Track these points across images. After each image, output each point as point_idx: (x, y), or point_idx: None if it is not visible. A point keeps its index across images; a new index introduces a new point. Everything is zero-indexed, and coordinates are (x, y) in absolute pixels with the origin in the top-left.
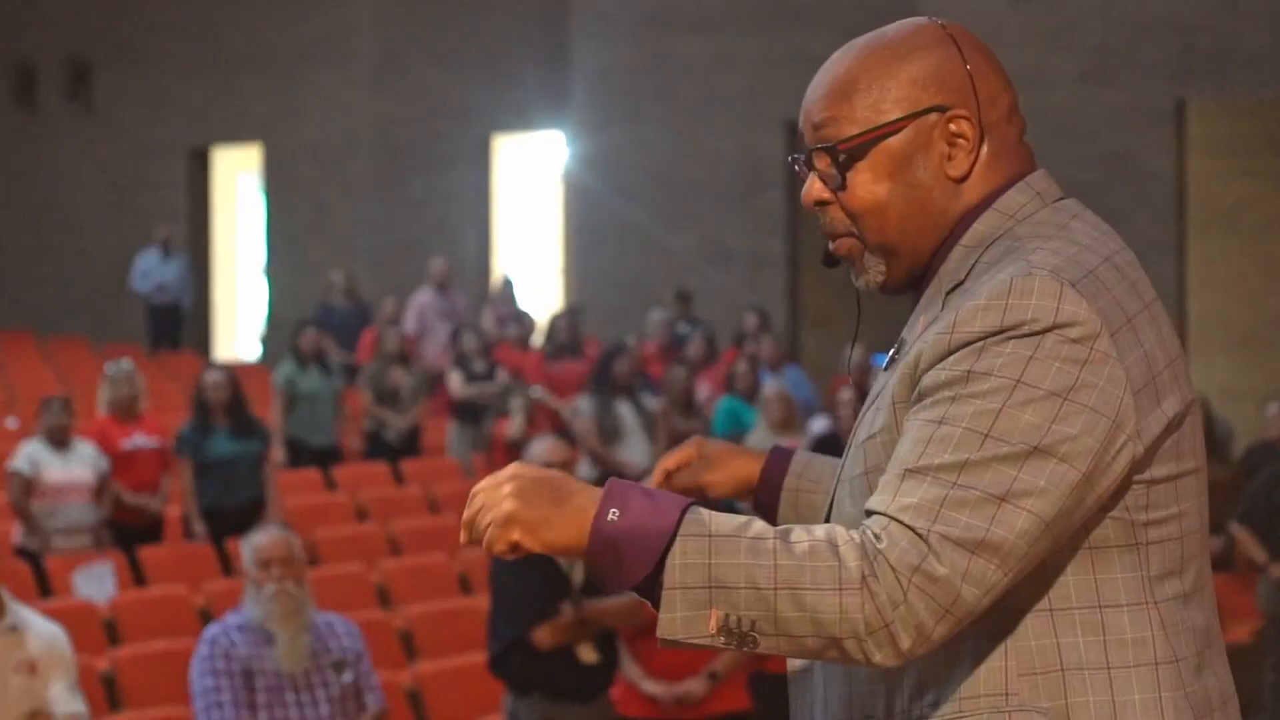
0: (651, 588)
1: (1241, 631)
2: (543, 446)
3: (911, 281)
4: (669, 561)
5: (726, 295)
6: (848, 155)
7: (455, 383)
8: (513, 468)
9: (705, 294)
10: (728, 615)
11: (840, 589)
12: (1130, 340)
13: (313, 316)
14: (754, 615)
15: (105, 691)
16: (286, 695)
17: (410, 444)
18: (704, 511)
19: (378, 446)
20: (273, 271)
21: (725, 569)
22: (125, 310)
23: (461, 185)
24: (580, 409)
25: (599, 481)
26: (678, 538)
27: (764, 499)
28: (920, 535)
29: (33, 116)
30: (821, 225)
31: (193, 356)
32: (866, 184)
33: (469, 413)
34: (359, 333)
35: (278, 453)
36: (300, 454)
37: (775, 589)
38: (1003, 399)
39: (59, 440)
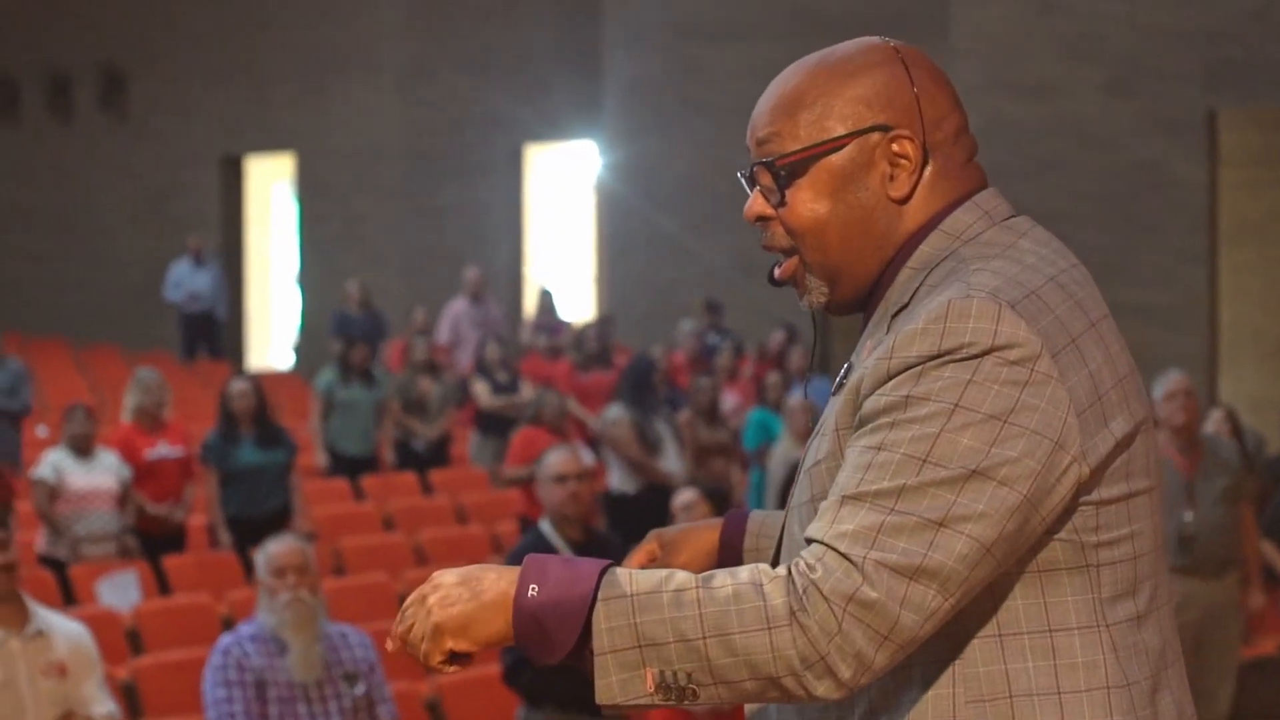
0: (583, 655)
1: (1268, 645)
2: (557, 457)
3: (858, 302)
4: (595, 626)
5: (757, 305)
6: (788, 171)
7: (483, 393)
8: (434, 577)
9: (735, 304)
10: (662, 671)
11: (769, 627)
12: (1074, 360)
13: (329, 326)
14: (688, 668)
15: (126, 700)
16: (299, 706)
17: (439, 454)
18: (621, 571)
19: (406, 456)
20: (305, 280)
21: (651, 626)
22: (159, 319)
23: (493, 195)
24: (617, 418)
25: (642, 493)
26: (599, 602)
27: (729, 565)
28: (854, 563)
29: (67, 126)
30: (763, 241)
31: (226, 365)
32: (806, 201)
33: (493, 423)
34: (374, 342)
35: (318, 457)
36: (336, 462)
37: (704, 638)
38: (941, 423)
39: (82, 448)
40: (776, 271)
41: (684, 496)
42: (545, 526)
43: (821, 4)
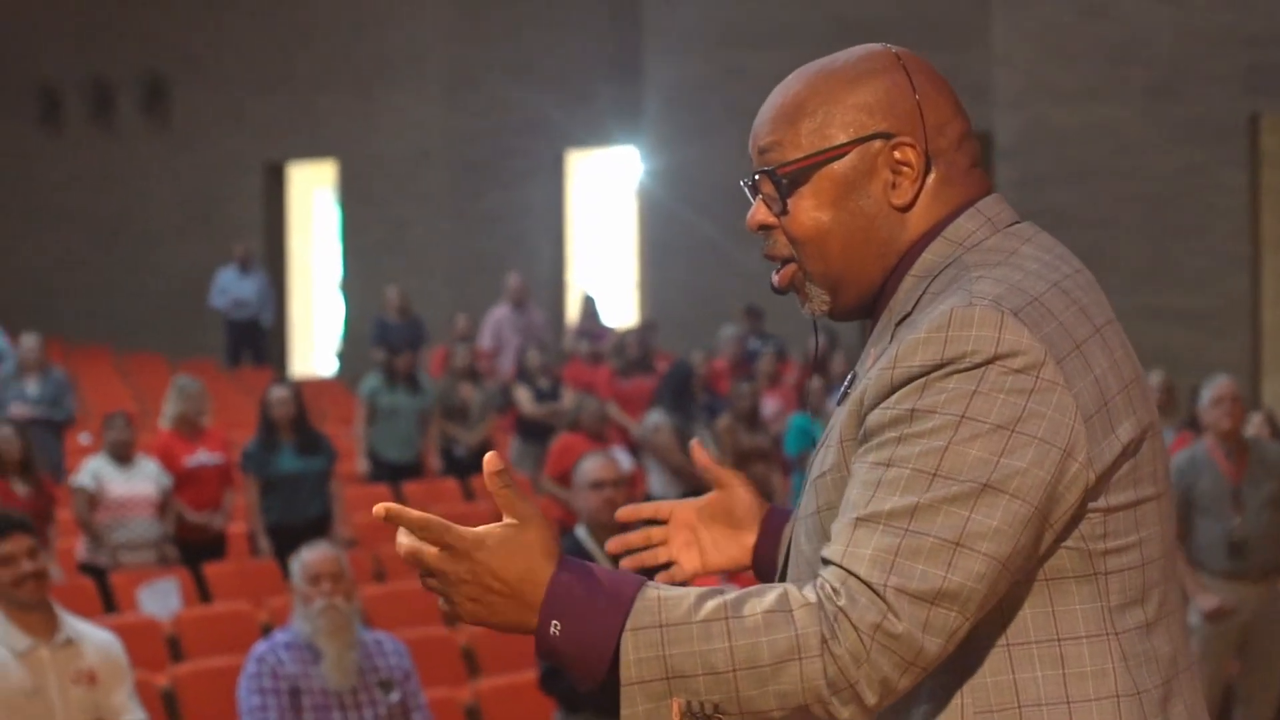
0: (609, 682)
1: None
2: (592, 464)
3: (860, 310)
4: (623, 657)
5: (798, 310)
6: (790, 180)
7: (525, 400)
8: (476, 558)
9: (777, 309)
10: (689, 702)
11: (800, 658)
12: (1079, 366)
13: (369, 333)
14: (716, 698)
15: (165, 707)
16: (333, 714)
17: (480, 460)
18: (650, 596)
19: (448, 462)
20: (348, 287)
21: (680, 659)
22: (203, 325)
23: (536, 201)
24: (658, 424)
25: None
26: (627, 631)
27: (763, 574)
28: (877, 592)
29: (110, 133)
30: (765, 250)
31: (270, 372)
32: (809, 210)
33: (534, 429)
34: (414, 349)
35: (359, 463)
36: (379, 468)
37: (734, 670)
38: (948, 436)
39: (122, 455)
40: (775, 278)
41: None
42: (581, 533)
43: (861, 9)
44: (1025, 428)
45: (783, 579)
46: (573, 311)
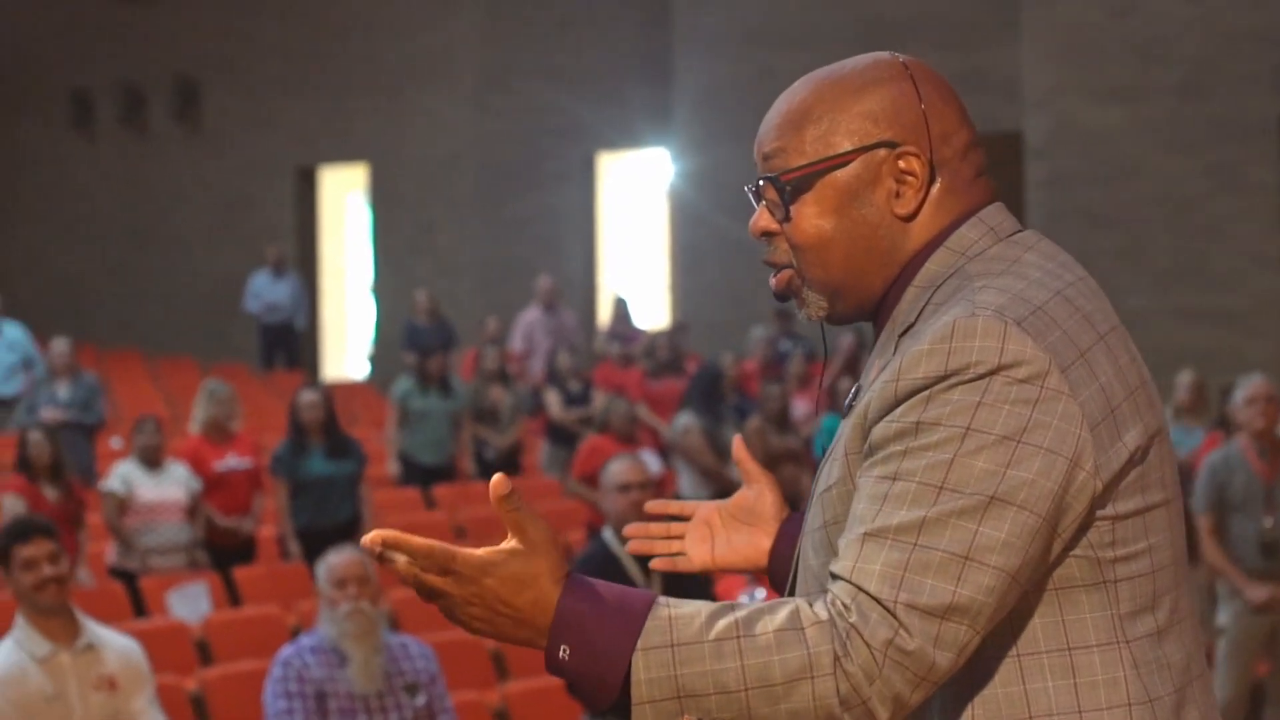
0: (621, 702)
1: None
2: (619, 466)
3: (859, 316)
4: (634, 677)
5: None
6: (793, 187)
7: (554, 404)
8: (483, 584)
9: None
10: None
11: (812, 676)
12: (1084, 374)
13: (400, 336)
14: (728, 717)
15: (194, 711)
16: (359, 718)
17: (510, 462)
18: (661, 612)
19: (481, 465)
20: (380, 290)
21: (692, 678)
22: (234, 329)
23: (566, 203)
24: (688, 425)
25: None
26: (639, 650)
27: (778, 579)
28: (887, 608)
29: (141, 137)
30: (765, 256)
31: (303, 376)
32: (811, 217)
33: (564, 432)
34: (444, 352)
35: (390, 466)
36: (411, 472)
37: (746, 689)
38: (954, 448)
39: (152, 460)
40: (772, 283)
41: None
42: (608, 535)
43: (892, 10)
44: (1031, 438)
45: (791, 592)
46: (604, 314)
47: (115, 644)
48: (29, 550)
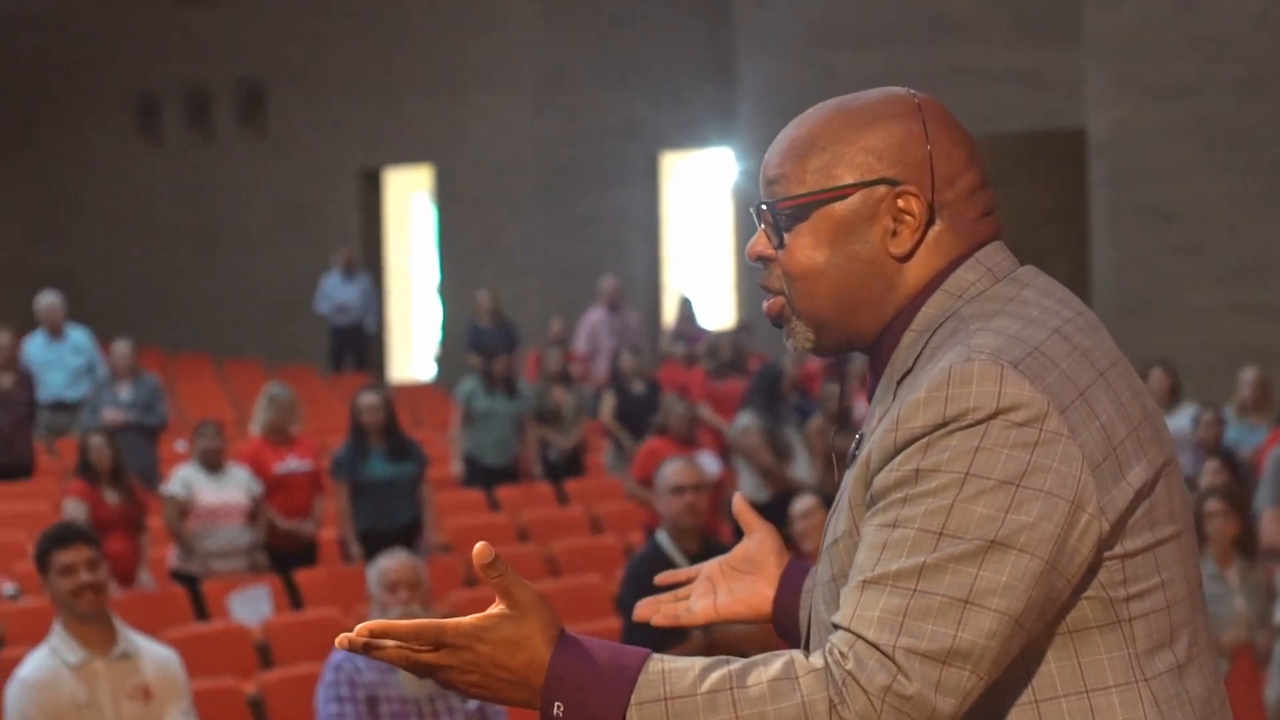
0: None
1: None
2: (673, 468)
3: (847, 349)
4: None
5: None
6: (789, 215)
7: (607, 410)
8: (475, 653)
9: None
10: None
11: None
12: (1084, 414)
13: (462, 337)
14: None
15: (253, 714)
16: None
17: (574, 463)
18: (657, 670)
19: (544, 466)
20: (445, 291)
21: None
22: (301, 331)
23: (631, 203)
24: (747, 426)
25: (773, 501)
26: (633, 705)
27: (785, 628)
28: (886, 653)
29: (207, 140)
30: (761, 280)
31: (369, 378)
32: (805, 248)
33: (625, 433)
34: (508, 353)
35: (454, 467)
36: (475, 473)
37: None
38: (953, 494)
39: (213, 463)
40: (765, 306)
41: (803, 503)
42: (662, 537)
43: (953, 9)
44: (1031, 481)
45: (807, 646)
46: (668, 314)
47: (152, 653)
48: (68, 556)
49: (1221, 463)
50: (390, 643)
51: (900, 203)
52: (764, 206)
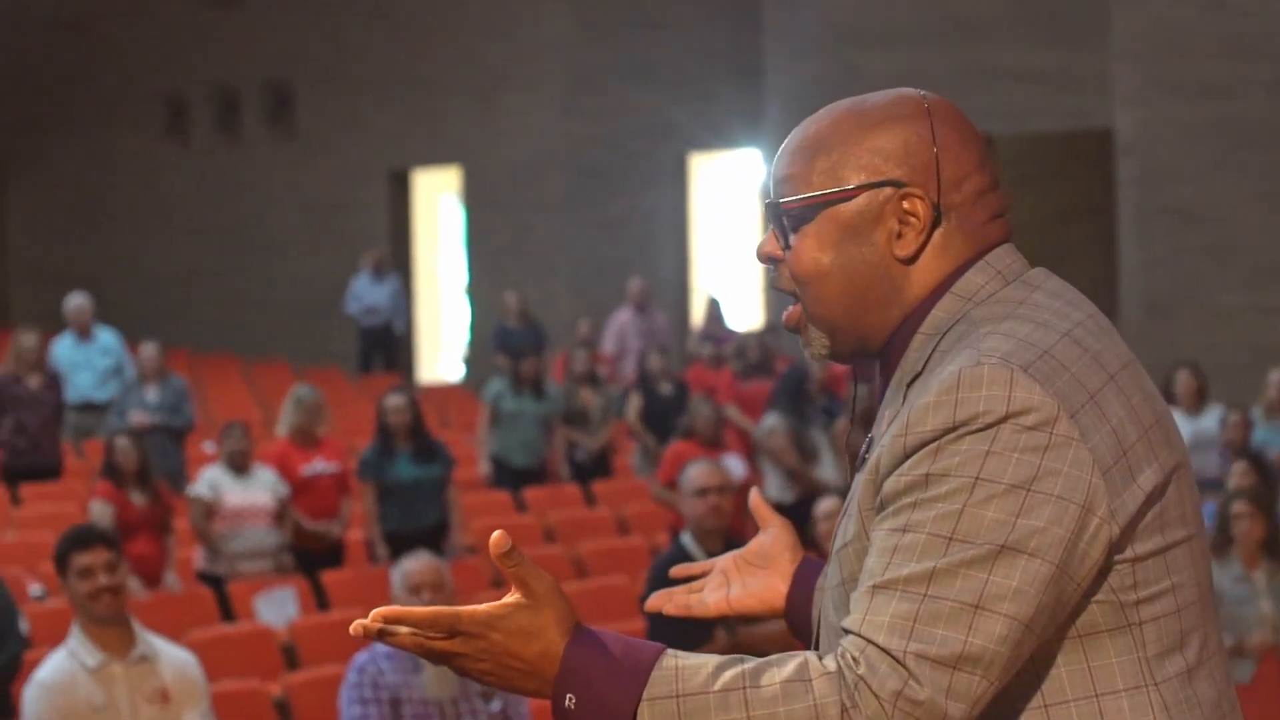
0: None
1: None
2: (697, 470)
3: (862, 355)
4: None
5: None
6: (795, 216)
7: (633, 412)
8: (489, 640)
9: None
10: None
11: None
12: (1095, 418)
13: (491, 338)
14: None
15: (279, 715)
16: None
17: (601, 465)
18: (668, 664)
19: (571, 467)
20: (474, 292)
21: None
22: (330, 333)
23: (659, 204)
24: (773, 427)
25: (799, 502)
26: (645, 700)
27: (797, 625)
28: (896, 658)
29: (235, 142)
30: (772, 282)
31: (398, 379)
32: (810, 249)
33: (652, 434)
34: (536, 354)
35: (482, 468)
36: (503, 474)
37: None
38: (963, 499)
39: (239, 465)
40: (784, 315)
41: (827, 504)
42: (686, 539)
43: (980, 9)
44: (1041, 486)
45: (816, 649)
46: (696, 315)
47: (171, 657)
48: (86, 558)
49: (1249, 464)
50: (404, 629)
51: (905, 204)
52: (771, 207)
